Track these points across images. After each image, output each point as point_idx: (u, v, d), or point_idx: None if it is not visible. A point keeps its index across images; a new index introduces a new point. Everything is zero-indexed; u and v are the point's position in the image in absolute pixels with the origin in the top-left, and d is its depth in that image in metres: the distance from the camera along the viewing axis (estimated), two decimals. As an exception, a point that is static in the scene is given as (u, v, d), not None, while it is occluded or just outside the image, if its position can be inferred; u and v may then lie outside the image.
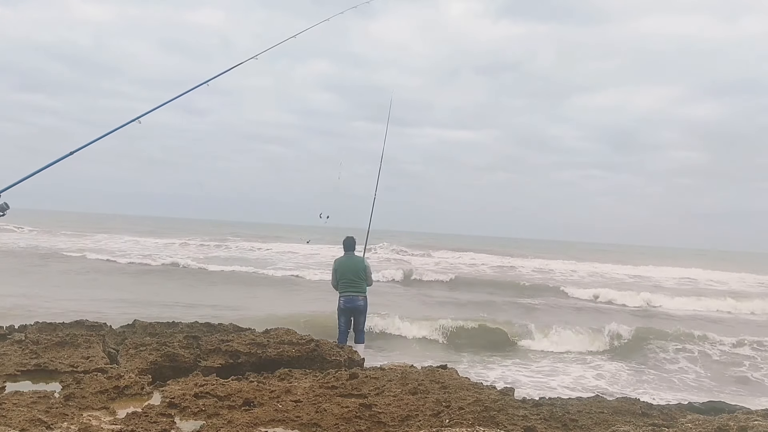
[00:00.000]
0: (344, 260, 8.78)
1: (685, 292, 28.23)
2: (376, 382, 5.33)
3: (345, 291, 8.63)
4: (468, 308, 19.63)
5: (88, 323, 6.67)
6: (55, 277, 21.94)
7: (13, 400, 4.30)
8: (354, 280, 8.63)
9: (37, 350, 5.70)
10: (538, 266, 39.09)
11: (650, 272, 39.19)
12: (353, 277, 8.63)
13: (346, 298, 8.61)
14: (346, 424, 4.34)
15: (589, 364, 13.47)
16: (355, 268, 8.69)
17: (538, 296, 24.35)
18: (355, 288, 8.62)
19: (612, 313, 20.62)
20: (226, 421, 4.26)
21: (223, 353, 6.12)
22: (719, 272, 40.67)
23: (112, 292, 18.45)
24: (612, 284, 29.96)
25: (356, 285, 8.63)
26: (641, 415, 4.86)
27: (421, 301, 21.49)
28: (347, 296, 8.61)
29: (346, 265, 8.72)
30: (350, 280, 8.63)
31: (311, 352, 6.31)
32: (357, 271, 8.67)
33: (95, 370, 5.29)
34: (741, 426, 4.07)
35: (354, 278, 8.63)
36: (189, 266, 27.38)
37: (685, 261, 51.51)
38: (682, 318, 20.91)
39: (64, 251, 30.55)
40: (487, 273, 34.15)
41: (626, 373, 12.85)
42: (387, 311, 15.63)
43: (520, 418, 4.53)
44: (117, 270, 25.20)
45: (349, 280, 8.63)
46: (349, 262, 8.75)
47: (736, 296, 26.72)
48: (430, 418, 4.46)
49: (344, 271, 8.67)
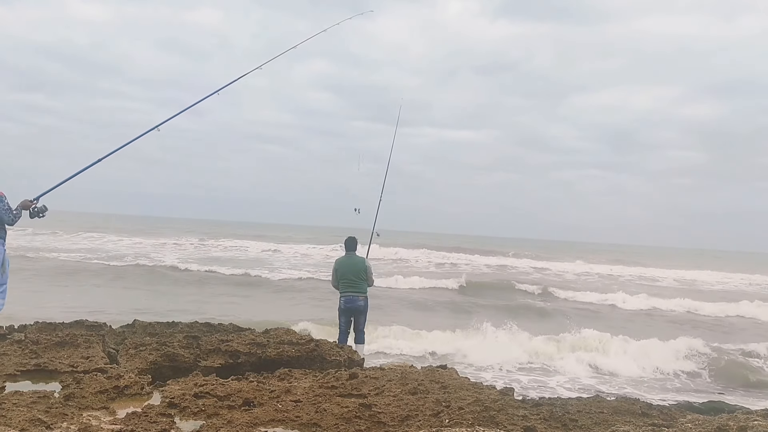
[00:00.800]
0: (345, 260, 8.77)
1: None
2: (375, 382, 5.33)
3: (345, 291, 8.63)
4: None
5: (88, 323, 6.67)
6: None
7: (13, 400, 4.30)
8: (354, 280, 8.62)
9: (37, 350, 5.70)
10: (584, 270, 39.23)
11: (695, 276, 39.08)
12: (354, 278, 8.63)
13: (347, 299, 8.60)
14: (346, 424, 4.34)
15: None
16: (355, 269, 8.68)
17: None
18: (355, 288, 8.62)
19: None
20: (225, 421, 4.26)
21: (222, 353, 6.12)
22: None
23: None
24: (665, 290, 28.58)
25: (356, 285, 8.63)
26: (641, 415, 4.86)
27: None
28: (347, 296, 8.60)
29: (346, 265, 8.71)
30: (351, 280, 8.62)
31: (311, 352, 6.31)
32: (358, 271, 8.67)
33: (95, 370, 5.29)
34: (741, 426, 4.07)
35: (354, 278, 8.63)
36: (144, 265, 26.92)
37: (716, 264, 50.67)
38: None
39: (30, 251, 29.16)
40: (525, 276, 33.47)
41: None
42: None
43: (519, 418, 4.53)
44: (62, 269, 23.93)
45: (349, 281, 8.62)
46: (349, 262, 8.75)
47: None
48: (430, 418, 4.46)
49: (345, 271, 8.66)
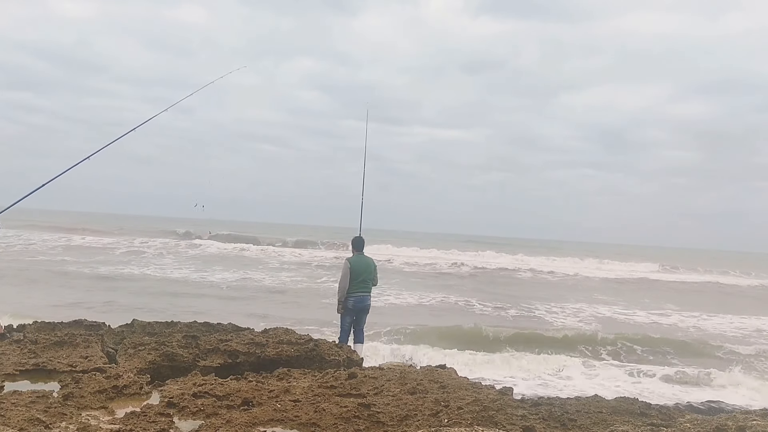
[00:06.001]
0: (357, 260, 8.71)
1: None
2: (374, 382, 5.33)
3: (357, 291, 8.55)
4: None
5: (87, 323, 6.67)
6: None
7: (12, 400, 4.30)
8: (366, 280, 8.62)
9: (36, 350, 5.70)
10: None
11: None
12: (366, 277, 8.62)
13: (357, 298, 8.54)
14: (345, 424, 4.34)
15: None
16: (368, 268, 8.66)
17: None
18: (366, 288, 8.61)
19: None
20: (224, 421, 4.26)
21: (221, 353, 6.12)
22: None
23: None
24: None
25: (367, 285, 8.63)
26: (640, 414, 4.87)
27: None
28: (358, 296, 8.54)
29: (360, 265, 8.64)
30: (363, 280, 8.60)
31: (310, 352, 6.31)
32: (370, 271, 8.66)
33: (94, 369, 5.28)
34: (739, 426, 4.07)
35: (367, 278, 8.62)
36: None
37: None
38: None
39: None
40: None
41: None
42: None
43: (518, 417, 4.53)
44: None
45: (362, 281, 8.59)
46: (362, 261, 8.70)
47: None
48: (429, 417, 4.46)
49: (360, 271, 8.59)
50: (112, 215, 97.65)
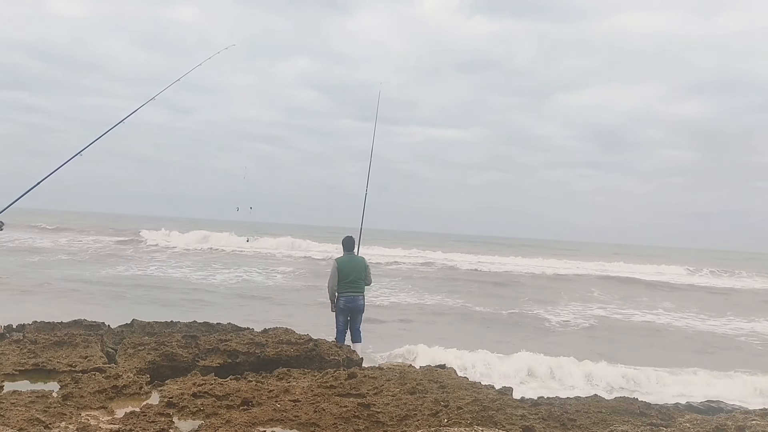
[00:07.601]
0: (346, 260, 8.74)
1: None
2: (374, 382, 5.33)
3: (346, 291, 8.59)
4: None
5: (87, 323, 6.67)
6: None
7: (11, 400, 4.30)
8: (356, 280, 8.62)
9: (35, 350, 5.70)
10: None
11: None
12: (356, 277, 8.62)
13: (347, 298, 8.58)
14: (345, 424, 4.34)
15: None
16: (357, 268, 8.67)
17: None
18: (356, 288, 8.61)
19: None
20: (224, 421, 4.26)
21: (221, 353, 6.12)
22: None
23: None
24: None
25: (358, 285, 8.63)
26: (639, 414, 4.87)
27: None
28: (348, 296, 8.58)
29: (348, 264, 8.67)
30: (353, 280, 8.61)
31: (310, 352, 6.31)
32: (359, 270, 8.66)
33: (93, 369, 5.28)
34: (739, 425, 4.08)
35: (357, 278, 8.62)
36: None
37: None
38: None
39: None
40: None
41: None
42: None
43: (518, 417, 4.53)
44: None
45: (351, 281, 8.60)
46: (351, 261, 8.72)
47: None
48: (429, 417, 4.46)
49: (348, 271, 8.62)
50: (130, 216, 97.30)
